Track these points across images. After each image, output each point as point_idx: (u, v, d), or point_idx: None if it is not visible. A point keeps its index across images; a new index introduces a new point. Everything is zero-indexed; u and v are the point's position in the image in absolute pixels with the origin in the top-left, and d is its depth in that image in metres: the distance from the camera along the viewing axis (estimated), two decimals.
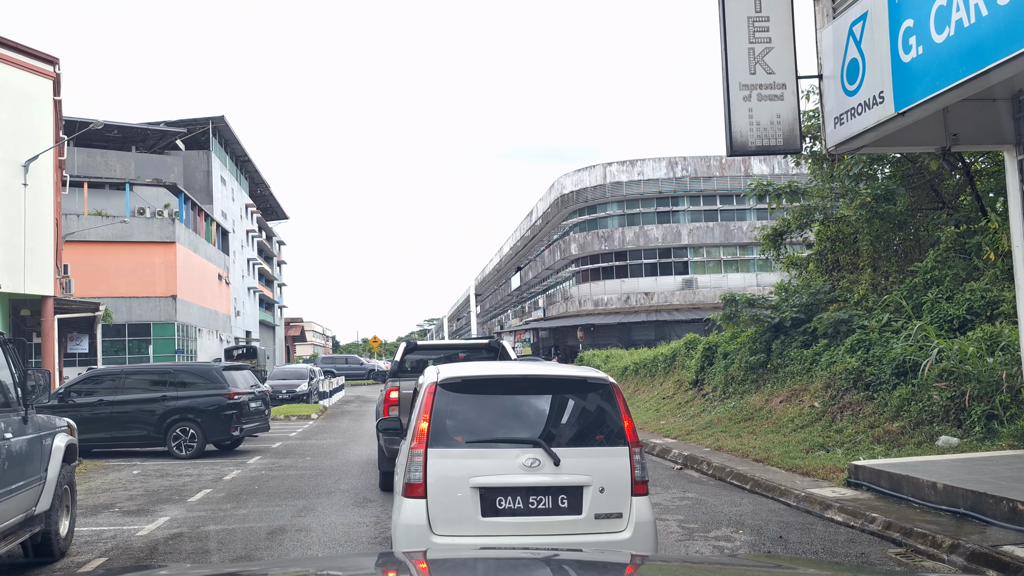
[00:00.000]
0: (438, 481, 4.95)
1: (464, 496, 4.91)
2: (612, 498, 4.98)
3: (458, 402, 5.19)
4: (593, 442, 5.16)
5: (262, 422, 16.47)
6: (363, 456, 14.93)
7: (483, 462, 4.98)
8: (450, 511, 4.91)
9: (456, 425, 5.12)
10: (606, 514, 4.97)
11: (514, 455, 4.97)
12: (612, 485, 5.00)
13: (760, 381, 16.13)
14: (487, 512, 4.90)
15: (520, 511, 4.91)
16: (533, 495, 4.92)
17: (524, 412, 5.31)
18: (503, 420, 5.24)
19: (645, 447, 14.83)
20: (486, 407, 5.31)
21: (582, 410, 5.33)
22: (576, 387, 5.47)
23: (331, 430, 20.83)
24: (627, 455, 5.08)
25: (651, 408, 20.26)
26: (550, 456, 4.95)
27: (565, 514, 4.92)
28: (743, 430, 14.16)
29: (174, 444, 15.08)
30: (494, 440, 5.09)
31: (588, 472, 4.98)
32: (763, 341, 16.55)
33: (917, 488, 8.24)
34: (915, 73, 7.95)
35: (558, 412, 5.32)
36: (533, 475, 4.93)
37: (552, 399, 5.40)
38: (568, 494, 4.94)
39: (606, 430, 5.18)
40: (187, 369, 16.26)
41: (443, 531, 4.88)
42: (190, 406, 15.15)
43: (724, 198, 54.88)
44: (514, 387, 5.46)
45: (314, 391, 31.06)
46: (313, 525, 8.77)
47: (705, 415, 16.63)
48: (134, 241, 54.52)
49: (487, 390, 5.38)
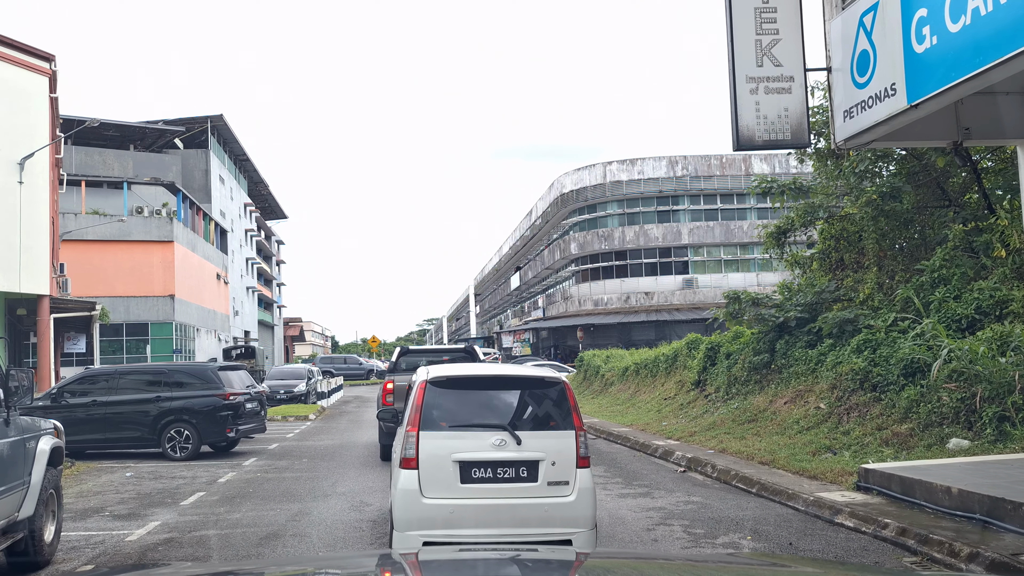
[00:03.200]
0: (427, 456, 6.22)
1: (447, 468, 6.20)
2: (561, 469, 6.28)
3: (443, 396, 6.53)
4: (547, 427, 6.44)
5: (258, 423, 16.20)
6: (361, 458, 14.69)
7: (462, 442, 6.29)
8: (436, 479, 6.19)
9: (441, 413, 6.42)
10: (556, 482, 6.26)
11: (486, 436, 6.29)
12: (561, 460, 6.29)
13: (764, 382, 15.88)
14: (465, 480, 6.20)
15: (490, 479, 6.22)
16: (500, 467, 6.23)
17: (495, 404, 6.62)
18: (478, 410, 6.55)
19: (647, 449, 14.59)
20: (465, 400, 6.66)
21: (540, 402, 6.61)
22: (536, 384, 6.77)
23: (329, 431, 20.58)
24: (574, 437, 6.38)
25: (653, 409, 20.01)
26: (514, 437, 6.26)
27: (525, 482, 6.24)
28: (747, 432, 13.91)
29: (168, 446, 14.82)
30: (471, 425, 6.40)
31: (543, 450, 6.28)
32: (767, 341, 16.30)
33: (930, 492, 7.99)
34: (929, 64, 7.70)
35: (521, 404, 6.61)
36: (500, 452, 6.23)
37: (516, 394, 6.72)
38: (527, 466, 6.26)
39: (558, 418, 6.47)
40: (182, 369, 15.96)
41: (431, 495, 6.18)
42: (185, 407, 14.89)
43: (725, 197, 54.58)
44: (487, 384, 6.90)
45: (312, 391, 30.81)
46: (308, 530, 8.53)
47: (708, 416, 16.38)
48: (132, 240, 54.21)
49: (466, 386, 6.78)
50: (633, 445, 15.41)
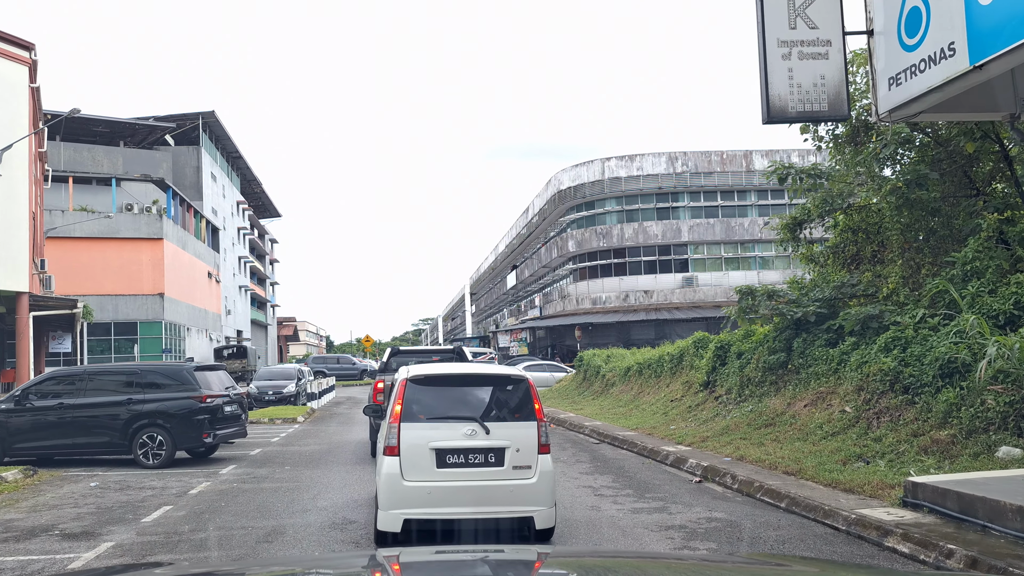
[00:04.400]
0: (408, 445, 7.13)
1: (425, 455, 7.12)
2: (525, 455, 7.21)
3: (421, 392, 7.44)
4: (513, 418, 7.35)
5: (239, 427, 15.10)
6: (348, 465, 13.62)
7: (438, 432, 7.18)
8: (416, 465, 7.10)
9: (420, 407, 7.32)
10: (520, 466, 7.18)
11: (459, 427, 7.20)
12: (525, 447, 7.22)
13: (780, 383, 14.84)
14: (440, 465, 7.11)
15: (462, 464, 7.13)
16: (471, 454, 7.15)
17: (467, 398, 7.50)
18: (452, 404, 7.45)
19: (657, 455, 13.54)
20: (441, 395, 7.56)
21: (507, 397, 7.51)
22: (503, 382, 7.65)
23: (317, 435, 19.51)
24: (536, 427, 7.32)
25: (659, 411, 18.95)
26: (483, 428, 7.19)
27: (493, 466, 7.15)
28: (765, 437, 12.86)
29: (140, 452, 13.71)
30: (446, 417, 7.29)
31: (509, 438, 7.20)
32: (783, 339, 15.25)
33: (997, 512, 6.95)
34: (997, 17, 6.65)
35: (490, 398, 7.48)
36: (471, 440, 7.16)
37: (486, 389, 7.60)
38: (495, 453, 7.18)
39: (522, 410, 7.39)
40: (155, 370, 14.80)
41: (411, 478, 7.09)
42: (158, 410, 13.78)
43: (725, 194, 53.46)
44: (461, 381, 7.80)
45: (302, 393, 29.71)
46: (281, 554, 7.46)
47: (720, 420, 15.34)
48: (120, 238, 53.13)
49: (442, 383, 7.70)
50: (641, 451, 14.36)
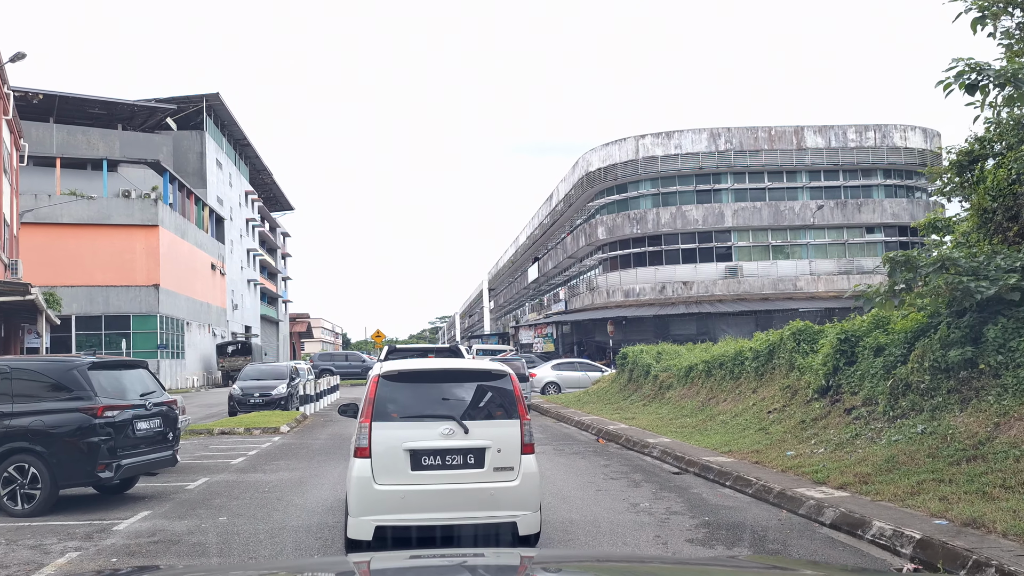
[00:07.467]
0: (379, 446, 6.83)
1: (399, 456, 6.80)
2: (507, 456, 6.91)
3: (395, 389, 7.17)
4: (494, 416, 7.08)
5: (164, 454, 10.31)
6: (321, 511, 8.90)
7: (412, 431, 6.88)
8: (388, 467, 6.79)
9: (393, 406, 7.05)
10: (502, 467, 6.87)
11: (435, 426, 6.89)
12: (507, 447, 6.92)
13: (966, 392, 9.90)
14: (415, 467, 6.81)
15: (439, 466, 6.81)
16: (449, 455, 6.83)
17: (444, 396, 7.20)
18: (428, 401, 7.17)
19: (794, 504, 8.66)
20: (416, 392, 7.25)
21: (487, 393, 7.22)
22: (483, 376, 7.34)
23: (297, 453, 14.80)
24: (519, 426, 7.01)
25: (751, 426, 14.01)
26: (462, 427, 6.86)
27: (472, 468, 6.84)
28: (982, 481, 7.95)
29: (5, 492, 9.04)
30: (421, 416, 7.02)
31: (489, 438, 6.92)
32: (965, 326, 10.31)
33: None
34: None
35: (469, 394, 7.19)
36: (449, 440, 6.84)
37: (465, 386, 7.28)
38: (474, 454, 6.87)
39: (504, 407, 7.09)
40: (28, 368, 9.96)
41: (383, 482, 6.76)
42: (30, 428, 9.09)
43: (773, 175, 48.16)
44: (437, 377, 7.43)
45: (295, 394, 25.06)
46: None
47: (866, 444, 10.44)
48: (112, 224, 48.84)
49: (416, 380, 7.33)
50: (759, 493, 9.49)
